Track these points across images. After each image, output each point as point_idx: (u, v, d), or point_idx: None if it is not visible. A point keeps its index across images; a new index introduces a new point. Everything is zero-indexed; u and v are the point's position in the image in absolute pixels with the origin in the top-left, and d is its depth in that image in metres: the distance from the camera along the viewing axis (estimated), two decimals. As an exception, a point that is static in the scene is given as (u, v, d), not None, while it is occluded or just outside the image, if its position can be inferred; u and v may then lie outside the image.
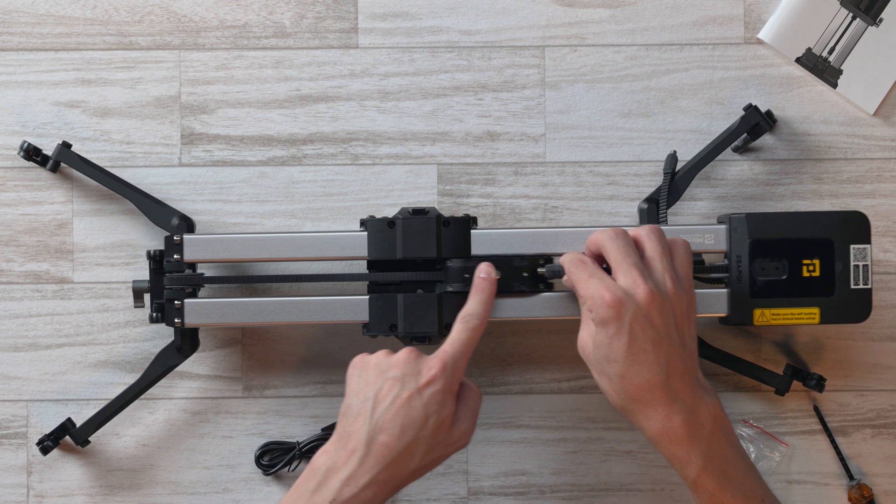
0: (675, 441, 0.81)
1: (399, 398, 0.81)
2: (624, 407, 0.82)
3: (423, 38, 1.00)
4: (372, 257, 0.92)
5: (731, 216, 0.92)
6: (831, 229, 0.91)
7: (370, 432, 0.81)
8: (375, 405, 0.82)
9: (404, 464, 0.81)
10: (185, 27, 1.00)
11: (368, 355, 0.85)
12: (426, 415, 0.81)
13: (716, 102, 1.00)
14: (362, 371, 0.84)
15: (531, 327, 0.99)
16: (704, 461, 0.80)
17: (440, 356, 0.83)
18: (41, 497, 0.99)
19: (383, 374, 0.83)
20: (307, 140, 1.00)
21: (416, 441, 0.81)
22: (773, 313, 0.91)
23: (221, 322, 0.92)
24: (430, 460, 0.83)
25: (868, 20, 0.99)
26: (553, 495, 1.00)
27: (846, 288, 0.91)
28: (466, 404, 0.84)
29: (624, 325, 0.79)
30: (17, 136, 0.99)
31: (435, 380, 0.82)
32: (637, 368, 0.80)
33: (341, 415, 0.84)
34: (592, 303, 0.81)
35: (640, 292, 0.80)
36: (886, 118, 1.00)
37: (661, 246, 0.83)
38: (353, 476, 0.80)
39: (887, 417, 1.00)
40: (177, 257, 0.92)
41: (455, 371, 0.83)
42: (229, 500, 0.99)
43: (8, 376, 0.99)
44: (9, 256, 0.99)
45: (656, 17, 1.00)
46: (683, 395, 0.81)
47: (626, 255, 0.82)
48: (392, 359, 0.84)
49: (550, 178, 1.00)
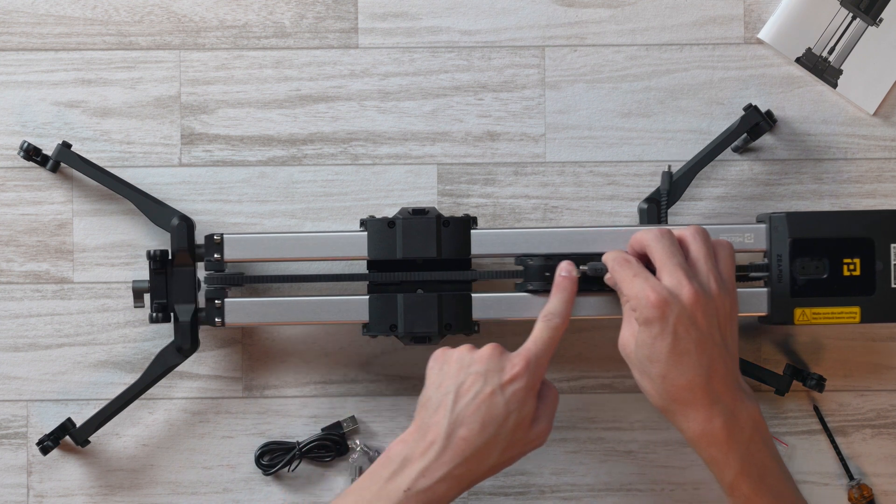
0: (714, 443, 0.80)
1: (481, 393, 0.81)
2: (664, 407, 0.82)
3: (423, 38, 1.00)
4: (372, 257, 0.92)
5: (771, 215, 0.91)
6: (872, 228, 0.91)
7: (450, 425, 0.81)
8: (457, 399, 0.81)
9: (482, 460, 0.81)
10: (185, 27, 1.00)
11: (450, 349, 0.85)
12: (507, 412, 0.81)
13: (716, 102, 1.00)
14: (444, 364, 0.85)
15: (531, 327, 0.99)
16: (742, 465, 0.80)
17: (524, 354, 0.83)
18: (41, 497, 0.99)
19: (466, 369, 0.83)
20: (307, 140, 1.00)
21: (496, 437, 0.81)
22: (813, 312, 0.91)
23: (263, 322, 0.93)
24: (507, 458, 0.83)
25: (868, 20, 0.99)
26: (553, 495, 1.00)
27: (887, 287, 0.91)
28: (545, 403, 0.84)
29: (668, 326, 0.79)
30: (17, 136, 0.99)
31: (518, 377, 0.82)
32: (679, 369, 0.80)
33: (420, 406, 0.84)
34: (637, 302, 0.80)
35: (685, 293, 0.80)
36: (886, 118, 1.00)
37: (707, 247, 0.83)
38: (430, 468, 0.80)
39: (887, 417, 1.00)
40: (217, 256, 0.92)
41: (538, 369, 0.83)
42: (229, 500, 0.99)
43: (8, 376, 0.99)
44: (9, 256, 0.99)
45: (656, 17, 1.00)
46: (725, 397, 0.80)
47: (671, 255, 0.82)
48: (476, 354, 0.84)
49: (550, 178, 1.00)
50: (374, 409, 1.00)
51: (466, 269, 0.93)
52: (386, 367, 1.00)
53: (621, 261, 0.84)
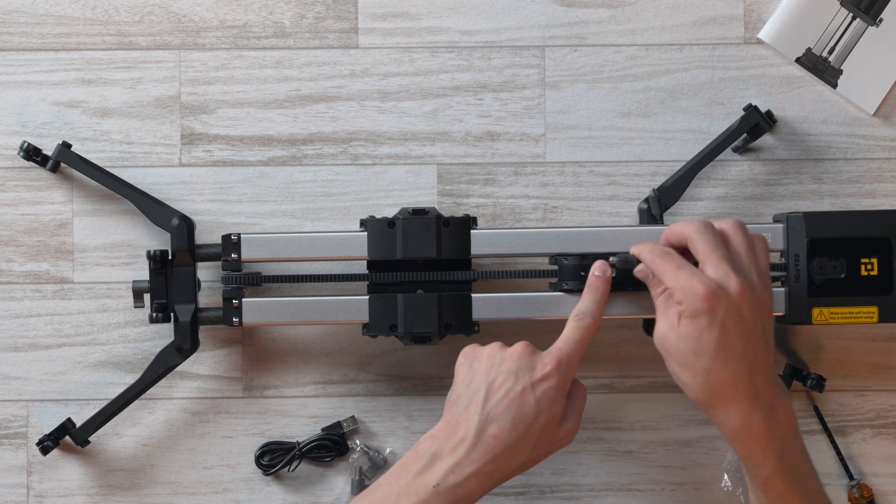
0: (753, 438, 0.80)
1: (512, 391, 0.81)
2: (705, 401, 0.81)
3: (423, 38, 1.00)
4: (372, 257, 0.92)
5: (788, 215, 0.91)
6: (889, 228, 0.91)
7: (481, 422, 0.81)
8: (488, 396, 0.81)
9: (511, 457, 0.81)
10: (185, 27, 1.00)
11: (480, 346, 0.85)
12: (538, 410, 0.81)
13: (716, 102, 1.00)
14: (473, 361, 0.84)
15: (531, 327, 0.99)
16: (778, 461, 0.80)
17: (555, 353, 0.83)
18: (41, 497, 0.99)
19: (497, 367, 0.83)
20: (307, 140, 1.00)
21: (526, 435, 0.81)
22: (831, 312, 0.91)
23: (280, 321, 0.92)
24: (535, 456, 0.82)
25: (868, 20, 0.99)
26: (553, 495, 1.00)
27: None
28: (574, 402, 0.84)
29: (717, 319, 0.78)
30: (17, 136, 0.99)
31: (549, 376, 0.82)
32: (725, 363, 0.79)
33: (449, 402, 0.84)
34: (683, 294, 0.79)
35: (732, 285, 0.79)
36: (886, 118, 1.00)
37: (747, 240, 0.83)
38: (460, 464, 0.80)
39: (887, 417, 1.00)
40: (234, 256, 0.92)
41: (569, 369, 0.83)
42: (229, 500, 0.99)
43: (8, 376, 0.99)
44: (9, 256, 0.99)
45: (656, 17, 1.00)
46: (765, 392, 0.80)
47: (716, 247, 0.81)
48: (507, 352, 0.84)
49: (550, 178, 1.00)
50: (374, 409, 1.00)
51: (466, 269, 0.93)
52: (386, 367, 1.00)
53: (661, 253, 0.83)
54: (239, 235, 0.92)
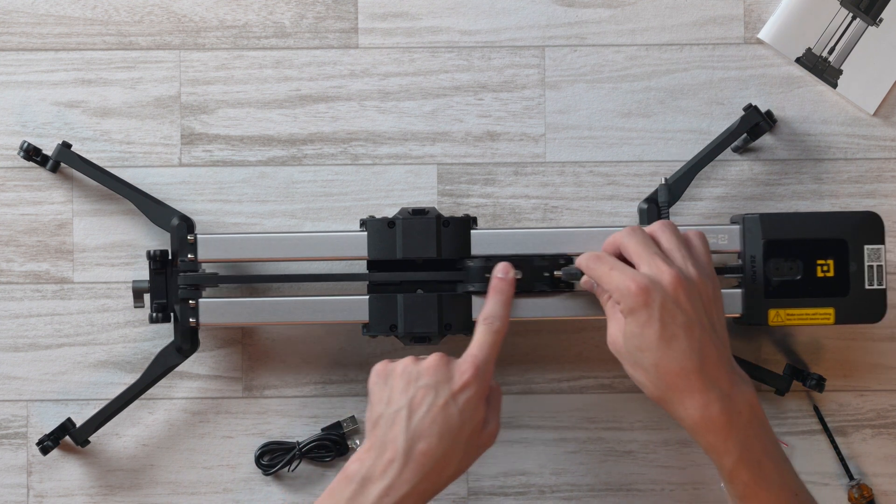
0: (713, 430, 0.80)
1: (435, 405, 0.81)
2: (661, 397, 0.81)
3: (423, 38, 1.00)
4: (372, 257, 0.92)
5: (744, 216, 0.92)
6: (845, 230, 0.91)
7: (408, 440, 0.80)
8: (411, 413, 0.81)
9: (443, 470, 0.81)
10: (185, 27, 1.00)
11: (392, 362, 0.85)
12: (462, 420, 0.81)
13: (716, 102, 1.00)
14: (388, 378, 0.84)
15: (531, 327, 0.99)
16: (741, 451, 0.80)
17: (471, 360, 0.83)
18: (41, 497, 0.99)
19: (415, 382, 0.82)
20: (307, 140, 1.00)
21: (454, 447, 0.81)
22: (787, 313, 0.91)
23: (231, 322, 0.92)
24: (465, 464, 0.83)
25: (868, 20, 0.99)
26: (553, 495, 1.00)
27: (861, 288, 0.91)
28: (492, 404, 0.85)
29: (654, 312, 0.79)
30: (17, 136, 0.99)
31: (469, 384, 0.82)
32: (671, 355, 0.79)
33: (371, 424, 0.83)
34: (619, 294, 0.80)
35: (665, 277, 0.79)
36: (886, 118, 1.00)
37: (677, 237, 0.84)
38: (393, 486, 0.80)
39: (887, 417, 1.00)
40: (191, 257, 0.92)
41: (486, 374, 0.83)
42: (229, 500, 0.99)
43: (8, 376, 0.99)
44: (9, 256, 0.99)
45: (656, 17, 1.00)
46: (720, 382, 0.80)
47: (646, 246, 0.82)
48: (421, 366, 0.83)
49: (550, 178, 1.00)
50: (374, 409, 1.00)
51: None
52: (386, 367, 1.00)
53: (594, 258, 0.84)
54: (196, 236, 0.92)
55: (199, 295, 0.93)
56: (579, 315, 0.92)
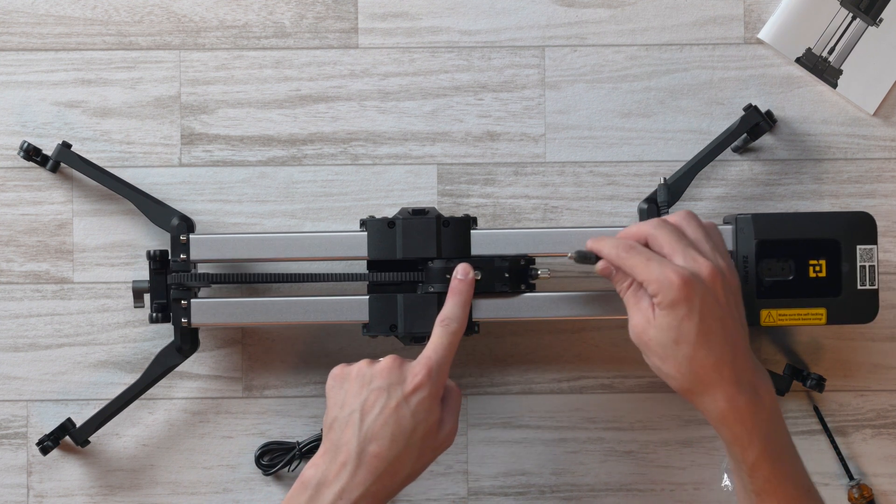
0: (739, 421, 0.79)
1: (387, 408, 0.81)
2: (690, 389, 0.80)
3: (423, 38, 1.00)
4: (372, 257, 0.92)
5: (737, 216, 0.92)
6: (837, 230, 0.91)
7: (360, 443, 0.81)
8: (363, 416, 0.81)
9: (396, 472, 0.81)
10: (185, 27, 1.00)
11: (348, 366, 0.85)
12: (415, 422, 0.81)
13: (716, 102, 1.00)
14: (343, 382, 0.84)
15: (531, 327, 0.99)
16: (764, 444, 0.80)
17: (424, 363, 0.83)
18: (41, 497, 0.99)
19: (368, 385, 0.83)
20: (307, 140, 1.00)
21: (407, 449, 0.81)
22: (779, 314, 0.91)
23: (229, 322, 0.92)
24: (420, 466, 0.83)
25: (868, 20, 0.99)
26: (553, 495, 1.00)
27: (853, 288, 0.91)
28: (448, 405, 0.84)
29: (695, 306, 0.78)
30: (17, 136, 0.99)
31: (421, 386, 0.82)
32: (707, 349, 0.79)
33: (327, 428, 0.84)
34: (658, 286, 0.79)
35: (704, 271, 0.79)
36: (886, 118, 1.00)
37: (702, 228, 0.83)
38: (346, 489, 0.80)
39: (887, 417, 1.00)
40: (183, 257, 0.92)
41: (440, 376, 0.83)
42: (229, 500, 0.99)
43: (8, 376, 0.99)
44: (9, 256, 0.99)
45: (656, 17, 1.00)
46: (747, 374, 0.80)
47: (678, 238, 0.81)
48: (375, 368, 0.83)
49: (550, 178, 1.00)
50: (374, 409, 1.00)
51: (466, 269, 0.93)
52: (386, 367, 1.00)
53: (626, 247, 0.82)
54: (188, 236, 0.92)
55: (191, 295, 0.93)
56: (579, 315, 0.92)
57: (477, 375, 1.00)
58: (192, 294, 0.93)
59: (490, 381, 1.00)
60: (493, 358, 1.00)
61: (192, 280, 0.92)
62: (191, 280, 0.92)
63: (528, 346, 1.00)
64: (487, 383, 1.00)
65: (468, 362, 0.99)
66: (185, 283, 0.92)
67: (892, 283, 1.00)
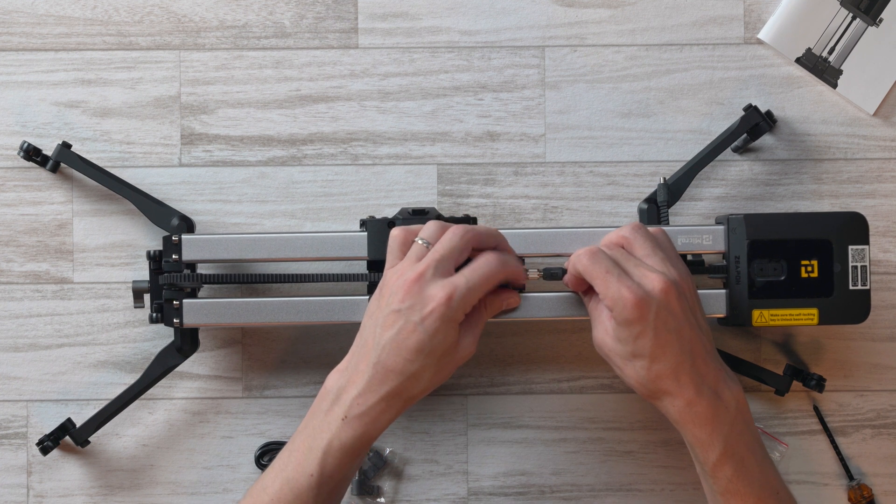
0: (699, 423, 0.81)
1: (404, 329, 0.81)
2: (649, 395, 0.82)
3: (423, 38, 1.00)
4: (372, 258, 0.92)
5: (729, 217, 0.92)
6: (829, 230, 0.91)
7: (377, 358, 0.81)
8: (382, 332, 0.82)
9: (413, 384, 0.82)
10: (185, 27, 1.00)
11: (393, 272, 0.83)
12: (432, 345, 0.81)
13: (716, 102, 1.00)
14: (383, 287, 0.84)
15: (531, 327, 0.99)
16: (725, 446, 0.81)
17: (448, 288, 0.81)
18: (41, 497, 0.99)
19: (388, 304, 0.82)
20: (307, 140, 1.00)
21: (423, 367, 0.81)
22: (771, 314, 0.92)
23: (221, 322, 0.92)
24: (439, 379, 0.83)
25: (868, 20, 0.99)
26: (553, 495, 1.00)
27: (845, 289, 0.91)
28: (470, 321, 0.83)
29: (649, 324, 0.80)
30: (17, 136, 0.99)
31: (436, 311, 0.81)
32: (663, 361, 0.80)
33: (358, 333, 0.84)
34: (613, 302, 0.80)
35: (656, 286, 0.80)
36: (886, 118, 1.00)
37: (650, 239, 0.84)
38: (363, 393, 0.81)
39: (887, 417, 1.00)
40: (175, 257, 0.92)
41: (462, 303, 0.81)
42: (229, 500, 0.99)
43: (8, 376, 0.99)
44: (9, 256, 0.99)
45: (656, 17, 1.00)
46: (708, 377, 0.81)
47: (625, 258, 0.83)
48: (398, 282, 0.82)
49: (550, 178, 1.00)
50: (374, 409, 0.99)
51: (466, 269, 0.93)
52: (386, 367, 1.00)
53: (590, 255, 0.83)
54: (180, 237, 0.92)
55: (183, 296, 0.92)
56: (579, 315, 0.92)
57: (477, 375, 1.00)
58: (185, 294, 0.93)
59: (490, 381, 1.00)
60: (494, 358, 1.00)
61: (183, 280, 0.92)
62: (182, 280, 0.92)
63: (528, 346, 1.00)
64: (487, 383, 1.00)
65: (468, 362, 0.99)
66: (177, 283, 0.92)
67: (892, 282, 1.00)
